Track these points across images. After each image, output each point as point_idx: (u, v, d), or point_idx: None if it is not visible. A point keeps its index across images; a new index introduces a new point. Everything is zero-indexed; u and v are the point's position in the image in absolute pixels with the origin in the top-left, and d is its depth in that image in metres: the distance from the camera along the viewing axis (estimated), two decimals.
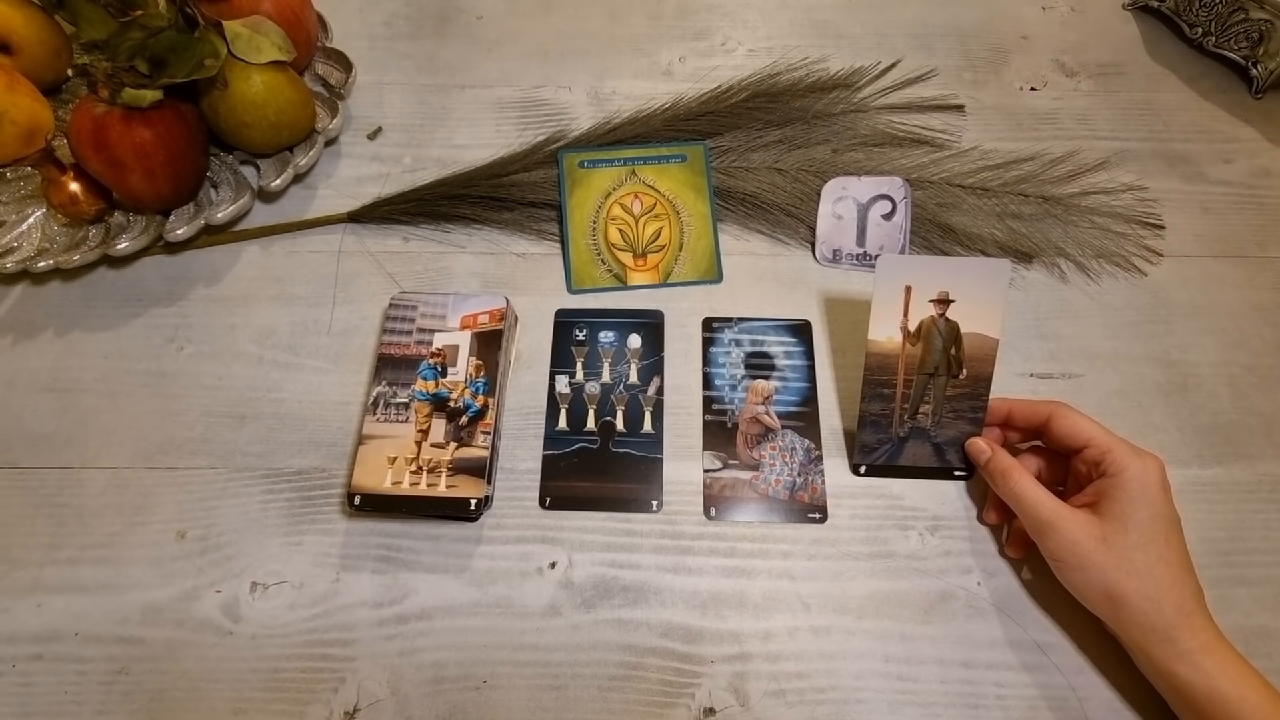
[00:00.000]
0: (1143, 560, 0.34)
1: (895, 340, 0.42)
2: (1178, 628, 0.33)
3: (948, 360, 0.42)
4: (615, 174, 0.51)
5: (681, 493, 0.42)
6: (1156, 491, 0.35)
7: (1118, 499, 0.35)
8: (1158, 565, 0.34)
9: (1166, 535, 0.34)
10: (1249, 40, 0.56)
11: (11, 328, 0.47)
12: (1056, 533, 0.35)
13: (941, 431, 0.42)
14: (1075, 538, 0.35)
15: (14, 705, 0.37)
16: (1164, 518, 0.35)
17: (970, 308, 0.41)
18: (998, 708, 0.37)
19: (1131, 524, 0.34)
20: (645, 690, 0.37)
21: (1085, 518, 0.35)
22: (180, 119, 0.45)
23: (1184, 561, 0.34)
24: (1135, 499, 0.34)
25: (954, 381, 0.42)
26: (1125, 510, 0.34)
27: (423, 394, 0.42)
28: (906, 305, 0.41)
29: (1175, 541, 0.35)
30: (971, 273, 0.41)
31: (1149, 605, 0.33)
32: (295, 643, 0.38)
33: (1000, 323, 0.41)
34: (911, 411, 0.42)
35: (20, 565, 0.40)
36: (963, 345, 0.42)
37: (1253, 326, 0.48)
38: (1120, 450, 0.36)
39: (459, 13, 0.62)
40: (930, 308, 0.41)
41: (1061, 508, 0.36)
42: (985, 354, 0.41)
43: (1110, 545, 0.34)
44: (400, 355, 0.43)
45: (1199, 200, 0.53)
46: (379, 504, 0.39)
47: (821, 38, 0.61)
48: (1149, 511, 0.34)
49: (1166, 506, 0.35)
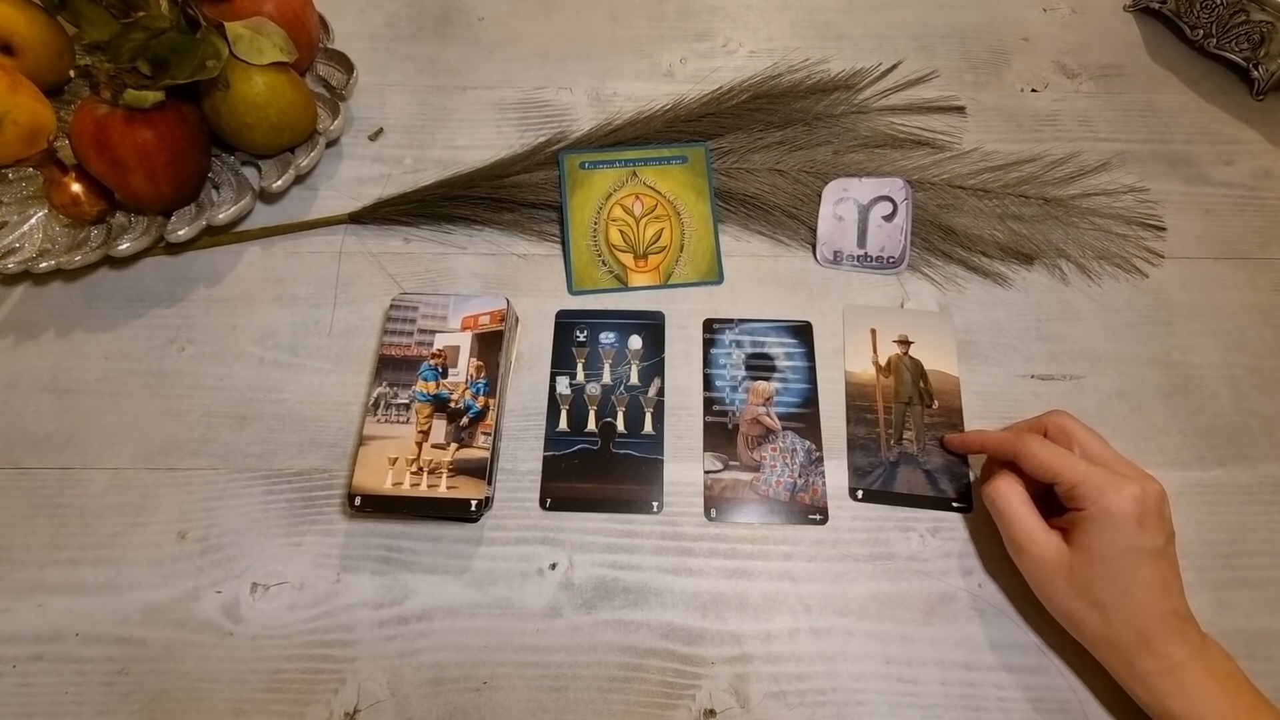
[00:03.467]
0: (1106, 593, 0.34)
1: (870, 372, 0.46)
2: (1137, 653, 0.34)
3: (919, 391, 0.45)
4: (616, 175, 0.51)
5: (682, 494, 0.42)
6: (1128, 525, 0.34)
7: (1086, 531, 0.34)
8: (1122, 598, 0.34)
9: (1136, 568, 0.34)
10: (1250, 42, 0.56)
11: (13, 328, 0.47)
12: (1025, 556, 0.36)
13: (929, 459, 0.43)
14: (1041, 565, 0.36)
15: (14, 706, 0.37)
16: (1134, 550, 0.34)
17: (929, 349, 0.47)
18: (999, 709, 0.37)
19: (1098, 558, 0.34)
20: (646, 691, 0.37)
21: (1056, 546, 0.35)
22: (182, 120, 0.46)
23: (1157, 588, 0.34)
24: (1104, 533, 0.34)
25: (929, 411, 0.45)
26: (1092, 544, 0.34)
27: (423, 395, 0.42)
28: (874, 344, 0.47)
29: (1146, 573, 0.34)
30: (923, 321, 0.48)
31: (1108, 632, 0.34)
32: (295, 643, 0.38)
33: (954, 362, 0.46)
34: (896, 436, 0.44)
35: (21, 565, 0.40)
36: (929, 380, 0.45)
37: (1254, 328, 0.48)
38: (1090, 485, 0.34)
39: (460, 14, 0.63)
40: (895, 346, 0.47)
41: (1036, 531, 0.36)
42: (951, 388, 0.46)
43: (1074, 577, 0.35)
44: (401, 356, 0.43)
45: (1200, 202, 0.53)
46: (379, 504, 0.39)
47: (823, 39, 0.61)
48: (1118, 546, 0.34)
49: (1140, 538, 0.34)
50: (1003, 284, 0.49)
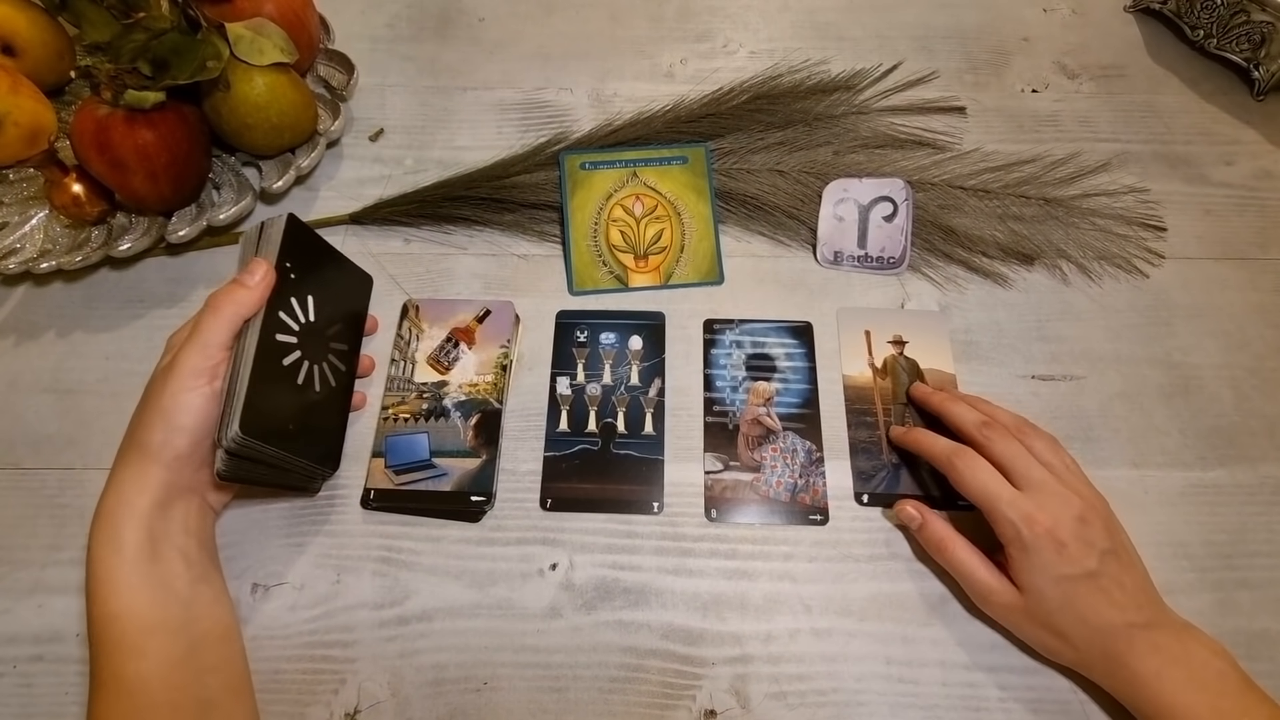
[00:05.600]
0: (1064, 621, 0.34)
1: (866, 375, 0.46)
2: (1112, 671, 0.34)
3: None
4: (616, 176, 0.51)
5: (682, 494, 0.42)
6: (1048, 558, 0.34)
7: (1021, 568, 0.35)
8: (1077, 625, 0.34)
9: (1074, 595, 0.34)
10: (1250, 42, 0.56)
11: (14, 329, 0.47)
12: (990, 605, 0.37)
13: None
14: (1004, 612, 0.36)
15: (15, 706, 0.37)
16: (1066, 579, 0.34)
17: (924, 349, 0.47)
18: (1000, 710, 0.37)
19: (1043, 594, 0.34)
20: (646, 692, 0.37)
21: (1011, 592, 0.36)
22: (183, 121, 0.46)
23: (1105, 608, 0.34)
24: (1032, 569, 0.34)
25: None
26: (1031, 580, 0.35)
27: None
28: (869, 346, 0.47)
29: (1087, 597, 0.34)
30: (917, 321, 0.47)
31: (1080, 657, 0.35)
32: (296, 644, 0.38)
33: (950, 360, 0.46)
34: None
35: (22, 566, 0.40)
36: (925, 379, 0.45)
37: (1255, 329, 0.48)
38: (1001, 523, 0.35)
39: (461, 15, 0.63)
40: (890, 347, 0.47)
41: (992, 580, 0.36)
42: (947, 387, 0.45)
43: (1032, 616, 0.35)
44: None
45: (1200, 202, 0.53)
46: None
47: (823, 40, 0.61)
48: (1049, 577, 0.34)
49: (1065, 566, 0.34)
50: (1003, 284, 0.49)
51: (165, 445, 0.34)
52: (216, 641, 0.34)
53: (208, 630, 0.34)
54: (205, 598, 0.35)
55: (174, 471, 0.34)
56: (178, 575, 0.34)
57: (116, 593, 0.32)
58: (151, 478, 0.33)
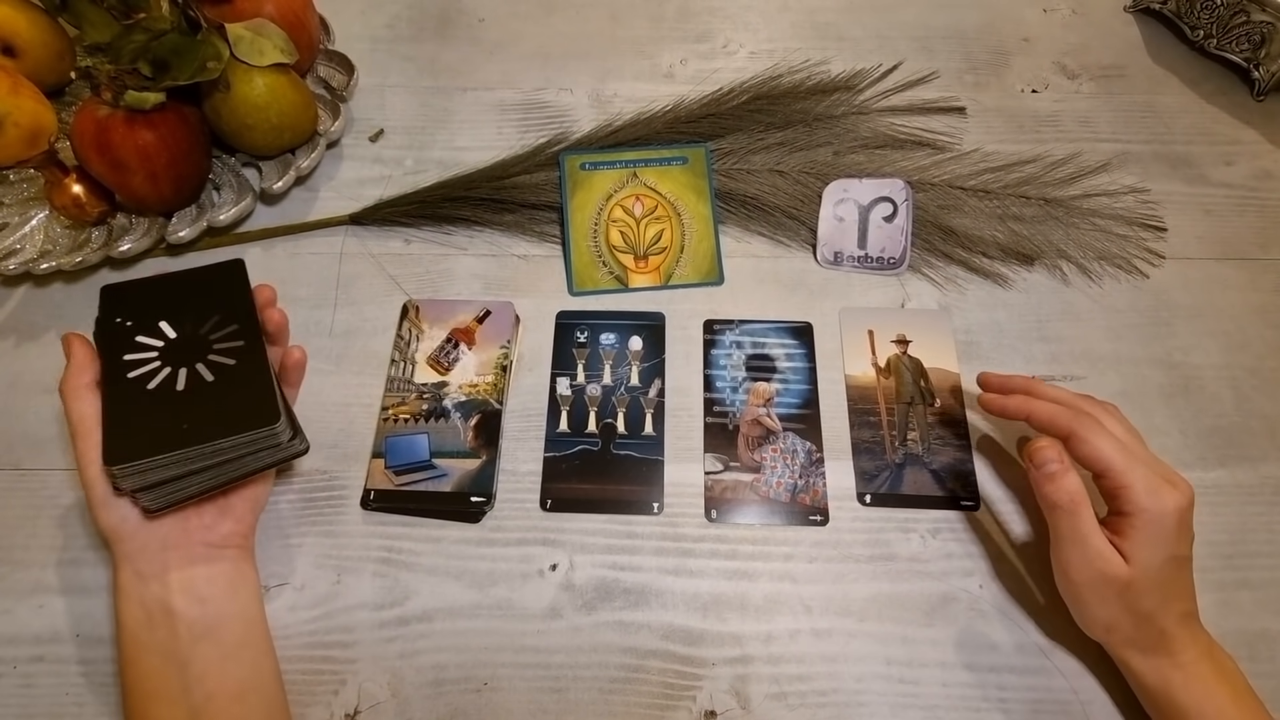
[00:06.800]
0: (1148, 603, 0.34)
1: (869, 374, 0.46)
2: (1154, 650, 0.35)
3: (920, 390, 0.45)
4: (616, 176, 0.51)
5: (682, 495, 0.42)
6: (1172, 533, 0.33)
7: (1137, 541, 0.34)
8: (1159, 606, 0.34)
9: (1175, 575, 0.34)
10: (1250, 43, 0.56)
11: (14, 329, 0.47)
12: (1092, 571, 0.34)
13: (935, 458, 0.43)
14: (1101, 581, 0.34)
15: (15, 706, 0.37)
16: (1175, 559, 0.34)
17: (928, 348, 0.47)
18: (1000, 711, 0.37)
19: (1150, 570, 0.34)
20: (646, 693, 0.37)
21: (1120, 563, 0.34)
22: (183, 121, 0.46)
23: (1185, 593, 0.35)
24: (1154, 543, 0.34)
25: (932, 410, 0.45)
26: (1145, 556, 0.34)
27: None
28: (872, 345, 0.47)
29: (1180, 580, 0.35)
30: (920, 320, 0.47)
31: (1135, 635, 0.35)
32: (296, 644, 0.38)
33: (954, 359, 0.46)
34: (900, 438, 0.44)
35: (22, 566, 0.40)
36: (930, 377, 0.45)
37: (1255, 329, 0.48)
38: (1137, 490, 0.34)
39: (460, 15, 0.63)
40: (893, 347, 0.47)
41: (1106, 548, 0.34)
42: (952, 385, 0.46)
43: (1128, 589, 0.34)
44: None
45: (1201, 202, 0.53)
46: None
47: (823, 40, 0.61)
48: (1162, 555, 0.34)
49: (1180, 545, 0.34)
50: (1003, 285, 0.49)
51: (116, 534, 0.34)
52: (229, 701, 0.34)
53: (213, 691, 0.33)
54: (208, 656, 0.34)
55: (137, 547, 0.34)
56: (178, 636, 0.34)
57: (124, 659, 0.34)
58: (121, 569, 0.35)
